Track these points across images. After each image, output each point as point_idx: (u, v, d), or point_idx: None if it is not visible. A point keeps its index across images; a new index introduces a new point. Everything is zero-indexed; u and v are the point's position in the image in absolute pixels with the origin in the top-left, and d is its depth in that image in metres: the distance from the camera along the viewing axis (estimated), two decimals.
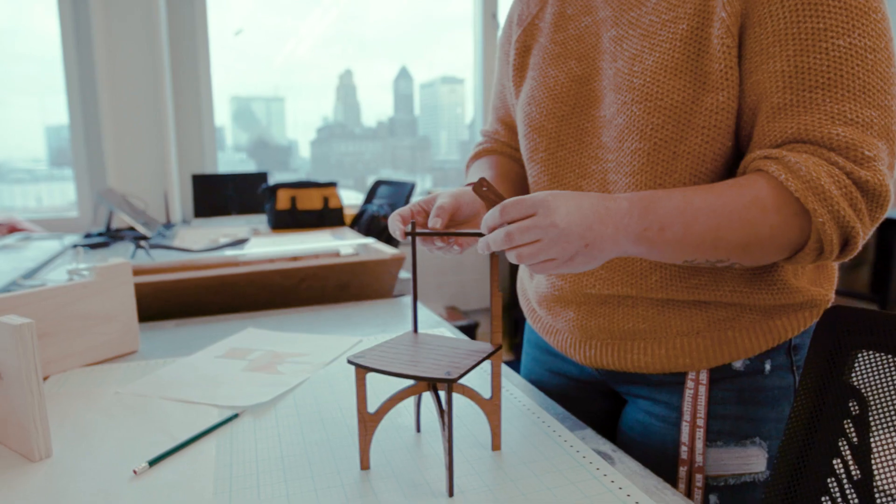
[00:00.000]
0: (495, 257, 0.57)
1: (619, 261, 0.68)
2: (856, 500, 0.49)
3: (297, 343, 0.96)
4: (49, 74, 2.81)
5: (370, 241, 1.60)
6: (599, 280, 0.69)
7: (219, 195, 2.86)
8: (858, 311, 0.55)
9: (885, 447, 0.50)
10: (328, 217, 2.41)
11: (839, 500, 0.51)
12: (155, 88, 2.71)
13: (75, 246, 1.98)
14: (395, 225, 0.64)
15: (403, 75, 3.93)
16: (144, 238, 2.16)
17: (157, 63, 2.68)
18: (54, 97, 2.87)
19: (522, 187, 0.86)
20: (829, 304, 0.66)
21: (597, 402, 0.80)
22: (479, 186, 0.57)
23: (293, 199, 2.37)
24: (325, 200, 2.41)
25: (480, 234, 0.58)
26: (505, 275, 3.19)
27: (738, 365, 0.66)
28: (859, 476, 0.50)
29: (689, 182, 0.62)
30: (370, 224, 2.34)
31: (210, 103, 3.07)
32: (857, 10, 0.54)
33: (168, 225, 2.59)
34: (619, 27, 0.67)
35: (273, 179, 2.96)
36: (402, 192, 2.52)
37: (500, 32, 0.91)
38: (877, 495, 0.50)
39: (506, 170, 0.85)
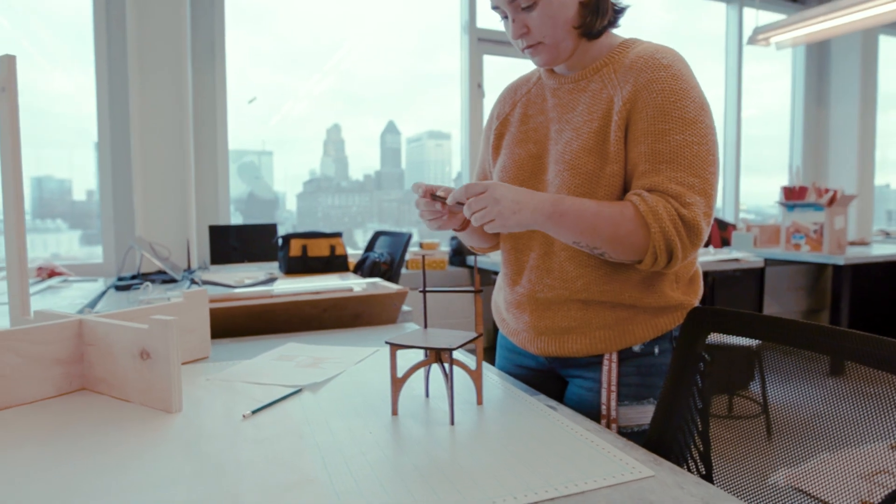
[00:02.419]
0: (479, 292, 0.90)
1: (557, 270, 1.01)
2: (698, 421, 0.81)
3: (331, 351, 1.26)
4: (45, 128, 3.04)
5: (377, 280, 1.92)
6: (544, 285, 1.02)
7: (231, 244, 3.17)
8: (709, 309, 0.87)
9: (718, 385, 0.81)
10: (334, 263, 2.72)
11: (691, 423, 0.82)
12: (181, 149, 3.05)
13: (133, 286, 2.27)
14: (418, 187, 0.98)
15: (391, 129, 4.06)
16: (173, 280, 2.46)
17: (183, 126, 3.04)
18: (50, 150, 3.10)
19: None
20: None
21: (547, 385, 1.11)
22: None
23: (304, 248, 2.69)
24: (332, 248, 2.73)
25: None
26: (487, 316, 3.50)
27: (637, 349, 0.99)
28: (701, 406, 0.81)
29: None
30: (372, 269, 2.65)
31: (226, 161, 3.42)
32: (689, 119, 0.90)
33: (190, 270, 2.89)
34: (560, 123, 1.02)
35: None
36: (399, 241, 2.85)
37: (484, 98, 1.26)
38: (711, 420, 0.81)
39: None
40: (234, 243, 3.18)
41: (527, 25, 0.96)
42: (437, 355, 0.88)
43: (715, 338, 0.86)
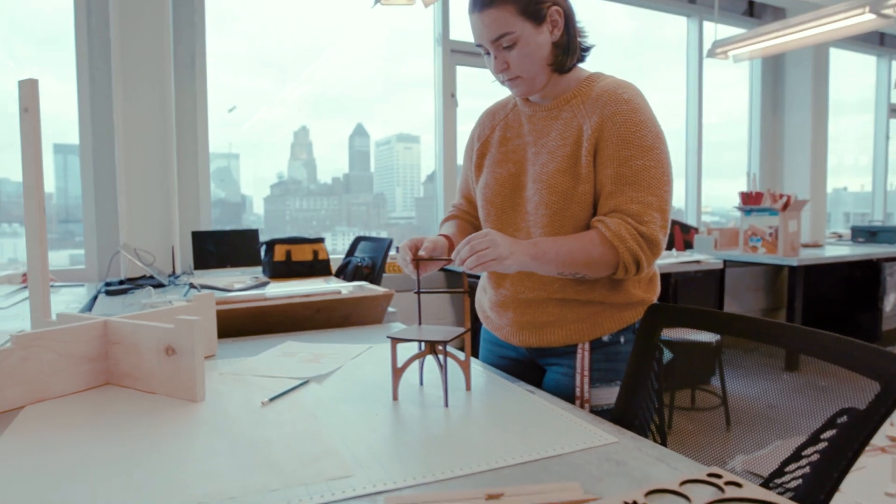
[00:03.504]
0: (467, 290, 1.04)
1: (536, 275, 1.15)
2: (654, 400, 0.95)
3: (328, 348, 1.38)
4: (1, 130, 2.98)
5: (364, 283, 2.04)
6: (525, 287, 1.16)
7: (209, 249, 3.23)
8: (663, 306, 1.02)
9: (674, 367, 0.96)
10: (317, 267, 2.83)
11: (649, 401, 0.97)
12: (164, 156, 3.12)
13: (129, 290, 2.34)
14: (405, 252, 1.09)
15: (359, 132, 4.06)
16: (160, 285, 2.54)
17: (167, 134, 3.10)
18: (8, 154, 3.09)
19: None
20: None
21: (528, 374, 1.26)
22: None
23: (288, 253, 2.79)
24: (315, 253, 2.83)
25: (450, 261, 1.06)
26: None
27: (605, 339, 1.14)
28: (657, 387, 0.96)
29: (572, 233, 1.10)
30: (355, 273, 2.77)
31: (206, 167, 3.49)
32: (648, 147, 1.05)
33: (174, 275, 2.96)
34: (536, 146, 1.16)
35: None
36: (380, 246, 2.97)
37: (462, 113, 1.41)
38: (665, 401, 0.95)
39: (463, 228, 1.34)
40: (211, 248, 3.25)
41: (507, 62, 1.10)
42: (432, 347, 1.01)
43: (670, 332, 1.01)
